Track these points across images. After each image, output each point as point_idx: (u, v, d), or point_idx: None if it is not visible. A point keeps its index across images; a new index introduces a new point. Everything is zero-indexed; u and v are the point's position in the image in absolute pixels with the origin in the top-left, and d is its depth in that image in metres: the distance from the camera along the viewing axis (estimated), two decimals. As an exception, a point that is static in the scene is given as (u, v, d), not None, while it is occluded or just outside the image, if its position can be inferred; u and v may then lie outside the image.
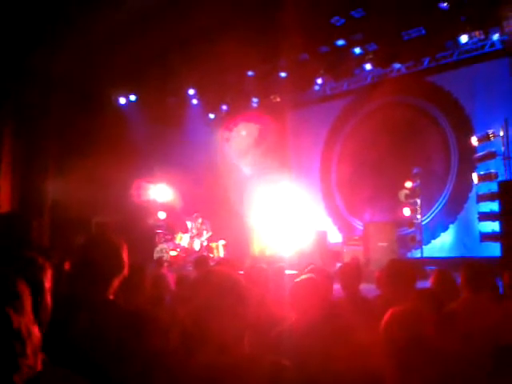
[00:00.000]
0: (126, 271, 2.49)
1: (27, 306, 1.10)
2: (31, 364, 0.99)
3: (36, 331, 1.04)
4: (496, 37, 10.59)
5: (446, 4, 9.85)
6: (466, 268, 3.25)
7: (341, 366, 2.16)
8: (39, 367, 1.05)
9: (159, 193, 13.62)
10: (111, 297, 2.44)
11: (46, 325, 1.64)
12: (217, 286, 1.76)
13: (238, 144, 13.98)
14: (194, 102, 14.26)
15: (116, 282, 2.46)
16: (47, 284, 1.65)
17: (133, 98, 13.85)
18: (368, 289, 5.06)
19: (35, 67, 10.70)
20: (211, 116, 14.93)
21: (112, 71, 12.21)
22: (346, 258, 10.31)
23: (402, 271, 3.60)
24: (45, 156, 12.90)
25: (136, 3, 9.69)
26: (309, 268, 4.50)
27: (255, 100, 14.15)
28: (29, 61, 10.52)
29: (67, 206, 11.95)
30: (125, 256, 2.50)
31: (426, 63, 12.01)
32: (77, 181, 11.41)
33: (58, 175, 12.46)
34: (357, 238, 11.56)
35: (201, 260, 5.56)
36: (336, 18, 10.54)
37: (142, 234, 12.07)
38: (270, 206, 12.53)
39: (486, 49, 10.96)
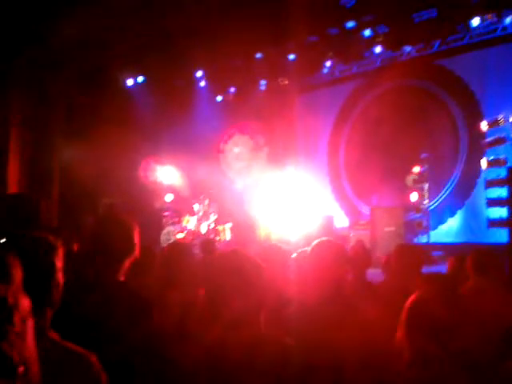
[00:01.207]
0: (137, 253, 2.52)
1: (15, 277, 1.13)
2: (18, 331, 1.01)
3: (25, 301, 1.07)
4: (508, 20, 10.41)
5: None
6: (473, 253, 3.26)
7: (348, 349, 2.18)
8: (30, 336, 1.07)
9: (166, 175, 13.63)
10: (122, 278, 2.47)
11: (58, 304, 1.66)
12: (232, 267, 1.79)
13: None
14: (202, 84, 14.18)
15: (127, 264, 2.49)
16: (59, 263, 1.68)
17: (140, 79, 13.79)
18: (374, 273, 5.08)
19: (47, 35, 10.63)
20: (219, 98, 14.86)
21: (120, 52, 12.16)
22: (353, 243, 10.30)
23: (409, 256, 3.61)
24: (53, 136, 12.93)
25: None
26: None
27: (263, 82, 14.05)
28: (42, 27, 10.44)
29: (75, 186, 12.02)
30: (136, 238, 2.52)
31: (436, 46, 11.85)
32: (85, 161, 11.46)
33: (66, 155, 12.50)
34: (363, 222, 11.56)
35: (207, 243, 5.59)
36: (346, -1, 10.39)
37: (149, 217, 12.13)
38: (276, 190, 12.53)
39: (498, 32, 10.79)
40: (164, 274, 3.13)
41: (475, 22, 10.56)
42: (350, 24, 11.28)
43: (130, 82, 13.80)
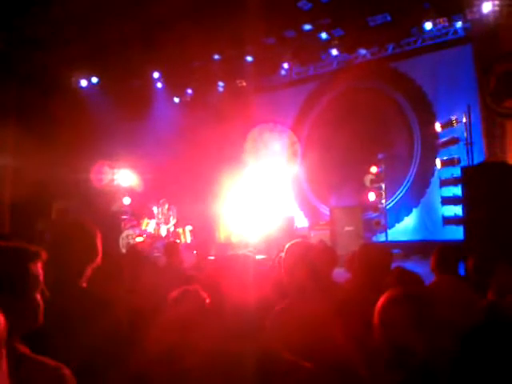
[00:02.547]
0: (99, 259, 2.43)
1: None
2: None
3: (1, 319, 0.99)
4: (459, 24, 10.78)
5: (411, -10, 9.96)
6: (436, 251, 3.31)
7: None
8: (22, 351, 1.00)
9: (123, 178, 13.36)
10: (84, 284, 2.37)
11: (36, 320, 1.58)
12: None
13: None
14: (159, 85, 13.99)
15: (89, 270, 2.39)
16: (38, 275, 1.58)
17: (95, 80, 13.46)
18: (336, 272, 5.10)
19: None
20: (176, 100, 14.69)
21: (72, 53, 11.83)
22: (315, 243, 10.39)
23: (376, 255, 3.63)
24: (3, 139, 12.42)
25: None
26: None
27: (221, 84, 14.00)
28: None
29: (28, 190, 11.59)
30: (99, 244, 2.42)
31: (390, 49, 12.13)
32: (37, 165, 11.07)
33: (17, 159, 12.03)
34: (323, 222, 11.68)
35: (171, 246, 5.49)
36: (303, 2, 10.48)
37: (106, 220, 11.84)
38: (236, 191, 12.48)
39: (450, 36, 11.14)
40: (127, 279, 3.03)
41: (428, 26, 10.86)
42: (307, 27, 11.42)
43: (83, 82, 13.44)
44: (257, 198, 12.35)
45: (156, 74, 13.61)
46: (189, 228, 12.41)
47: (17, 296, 1.47)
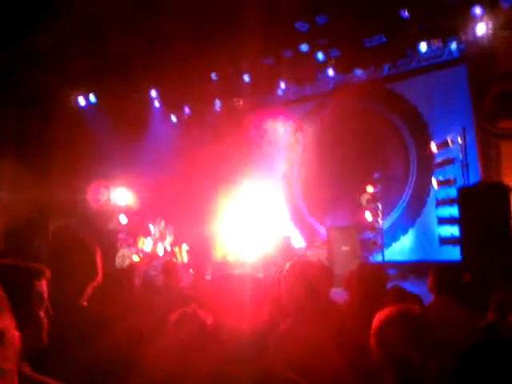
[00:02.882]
0: (100, 278, 2.42)
1: (7, 309, 1.05)
2: (11, 368, 0.94)
3: (17, 335, 0.99)
4: (454, 46, 10.93)
5: (406, 13, 10.12)
6: (435, 271, 3.31)
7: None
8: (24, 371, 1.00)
9: (120, 196, 13.34)
10: (84, 303, 2.36)
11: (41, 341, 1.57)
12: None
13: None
14: (156, 104, 14.07)
15: (90, 289, 2.38)
16: (44, 294, 1.58)
17: (93, 98, 13.53)
18: (334, 292, 5.10)
19: None
20: (173, 118, 14.76)
21: (71, 71, 11.92)
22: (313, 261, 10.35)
23: (373, 275, 3.64)
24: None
25: (97, 4, 9.48)
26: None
27: (218, 103, 14.09)
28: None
29: (23, 209, 11.55)
30: (99, 262, 2.42)
31: (386, 70, 12.27)
32: (33, 183, 11.05)
33: (13, 177, 12.01)
34: (320, 243, 11.67)
35: (169, 265, 5.47)
36: (300, 23, 10.64)
37: (102, 239, 11.78)
38: (233, 210, 12.48)
39: (445, 57, 11.29)
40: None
41: (423, 47, 11.01)
42: (304, 47, 11.55)
43: (81, 101, 13.51)
44: (253, 217, 12.34)
45: (154, 93, 13.70)
46: (185, 247, 12.36)
47: (22, 315, 1.47)
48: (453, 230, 9.44)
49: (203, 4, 10.20)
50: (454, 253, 9.03)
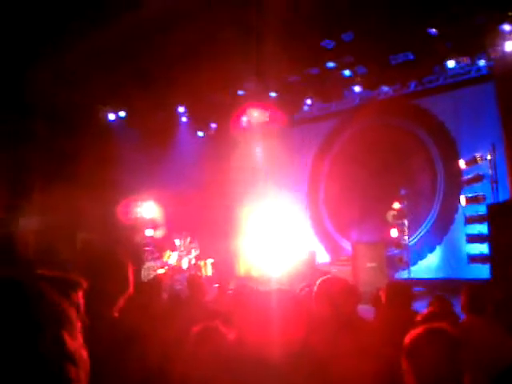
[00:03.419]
0: (131, 290, 2.46)
1: (78, 330, 1.08)
2: None
3: (85, 355, 1.02)
4: (482, 62, 10.84)
5: (434, 30, 10.09)
6: (467, 290, 3.26)
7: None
8: None
9: (147, 210, 13.50)
10: (116, 314, 2.40)
11: None
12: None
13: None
14: (184, 119, 14.27)
15: (121, 301, 2.42)
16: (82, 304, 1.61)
17: (122, 113, 13.80)
18: (361, 309, 5.06)
19: (17, 89, 10.61)
20: (200, 134, 14.93)
21: (101, 87, 12.18)
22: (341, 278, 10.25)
23: (402, 292, 3.62)
24: (31, 171, 12.73)
25: (125, 21, 9.70)
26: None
27: (245, 119, 14.21)
28: (22, 68, 10.39)
29: (53, 221, 11.78)
30: (131, 274, 2.46)
31: (412, 86, 12.22)
32: (62, 197, 11.27)
33: (44, 191, 12.28)
34: (345, 257, 11.57)
35: (194, 279, 5.51)
36: (327, 41, 10.69)
37: (129, 251, 11.92)
38: (258, 225, 12.50)
39: (472, 74, 11.20)
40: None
41: (450, 64, 10.94)
42: (330, 64, 11.59)
43: (111, 116, 13.79)
44: (278, 232, 12.33)
45: (181, 109, 13.90)
46: (210, 261, 12.41)
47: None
48: (482, 248, 9.26)
49: (229, 21, 10.36)
50: (482, 271, 8.86)
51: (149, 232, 13.26)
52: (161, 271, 11.99)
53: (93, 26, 9.68)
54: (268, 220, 12.58)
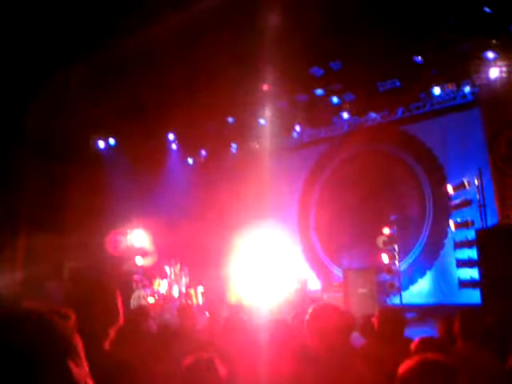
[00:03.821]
0: (121, 320, 2.42)
1: (83, 359, 1.07)
2: None
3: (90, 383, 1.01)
4: (467, 89, 11.05)
5: (419, 57, 10.30)
6: (461, 317, 3.25)
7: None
8: None
9: (136, 238, 13.40)
10: (107, 347, 2.36)
11: None
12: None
13: None
14: (174, 146, 14.32)
15: (112, 332, 2.38)
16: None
17: (112, 141, 13.82)
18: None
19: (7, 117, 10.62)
20: (190, 161, 14.97)
21: (91, 115, 12.20)
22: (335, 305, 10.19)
23: (394, 318, 3.59)
24: (17, 201, 12.61)
25: (116, 51, 9.79)
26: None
27: (234, 146, 14.29)
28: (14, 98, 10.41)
29: (39, 252, 11.62)
30: (120, 304, 2.43)
31: (400, 113, 12.40)
32: (50, 225, 11.16)
33: (31, 221, 12.16)
34: (336, 284, 11.52)
35: (184, 309, 5.46)
36: (315, 68, 10.87)
37: (117, 280, 11.77)
38: (248, 253, 12.43)
39: (458, 100, 11.40)
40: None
41: (436, 90, 11.15)
42: (319, 91, 11.77)
43: (101, 144, 13.81)
44: (268, 260, 12.26)
45: (171, 136, 13.96)
46: (200, 289, 12.28)
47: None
48: (472, 273, 9.28)
49: (218, 49, 10.50)
50: (473, 296, 8.86)
51: (138, 260, 13.13)
52: (151, 300, 11.84)
53: (83, 55, 9.76)
54: (259, 247, 12.52)
